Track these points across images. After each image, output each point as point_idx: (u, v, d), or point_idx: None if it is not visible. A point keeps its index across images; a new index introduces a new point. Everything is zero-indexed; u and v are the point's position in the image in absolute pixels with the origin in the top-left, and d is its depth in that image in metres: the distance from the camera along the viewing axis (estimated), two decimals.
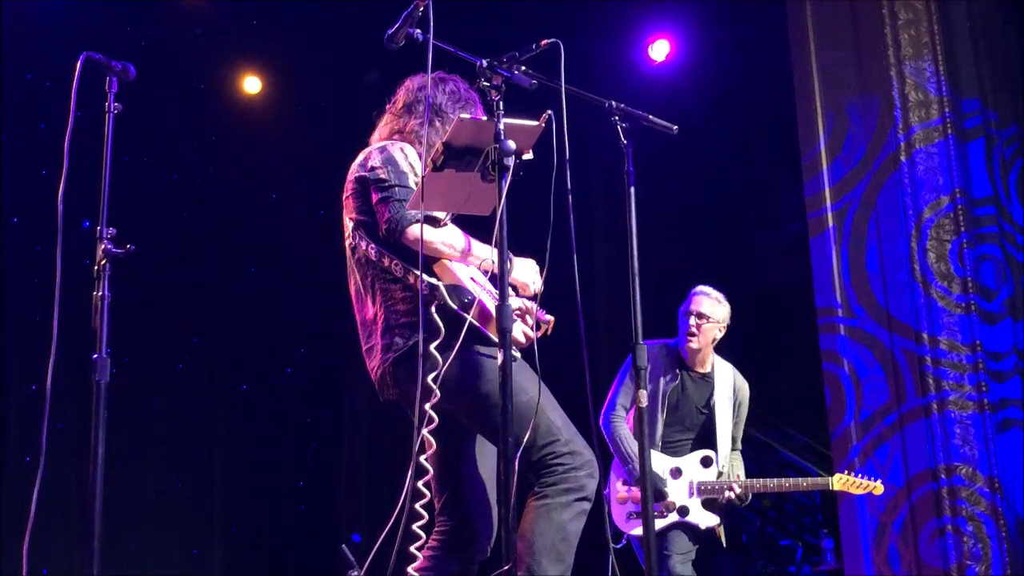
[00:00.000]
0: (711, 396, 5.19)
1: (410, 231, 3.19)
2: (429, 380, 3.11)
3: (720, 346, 5.29)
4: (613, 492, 5.12)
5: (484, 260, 3.31)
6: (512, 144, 2.88)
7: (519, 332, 3.24)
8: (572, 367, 3.31)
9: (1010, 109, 6.41)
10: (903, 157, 6.32)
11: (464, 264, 3.32)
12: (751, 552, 8.09)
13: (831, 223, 6.50)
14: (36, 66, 6.48)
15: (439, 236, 3.22)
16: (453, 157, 2.98)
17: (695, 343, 5.17)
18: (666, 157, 6.24)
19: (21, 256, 6.27)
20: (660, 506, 4.99)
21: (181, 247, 7.20)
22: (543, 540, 3.11)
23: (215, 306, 7.41)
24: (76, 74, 3.12)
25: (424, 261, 3.16)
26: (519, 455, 2.91)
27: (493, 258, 3.25)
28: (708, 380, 5.21)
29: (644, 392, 3.21)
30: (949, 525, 5.94)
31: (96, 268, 3.01)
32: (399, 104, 3.56)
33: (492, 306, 3.18)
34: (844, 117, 6.57)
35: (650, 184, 4.13)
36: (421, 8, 3.08)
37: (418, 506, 3.23)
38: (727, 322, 5.23)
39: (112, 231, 3.04)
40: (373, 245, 3.33)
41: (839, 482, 5.26)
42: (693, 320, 5.16)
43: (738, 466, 5.19)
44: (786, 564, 8.02)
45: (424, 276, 3.21)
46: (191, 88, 7.29)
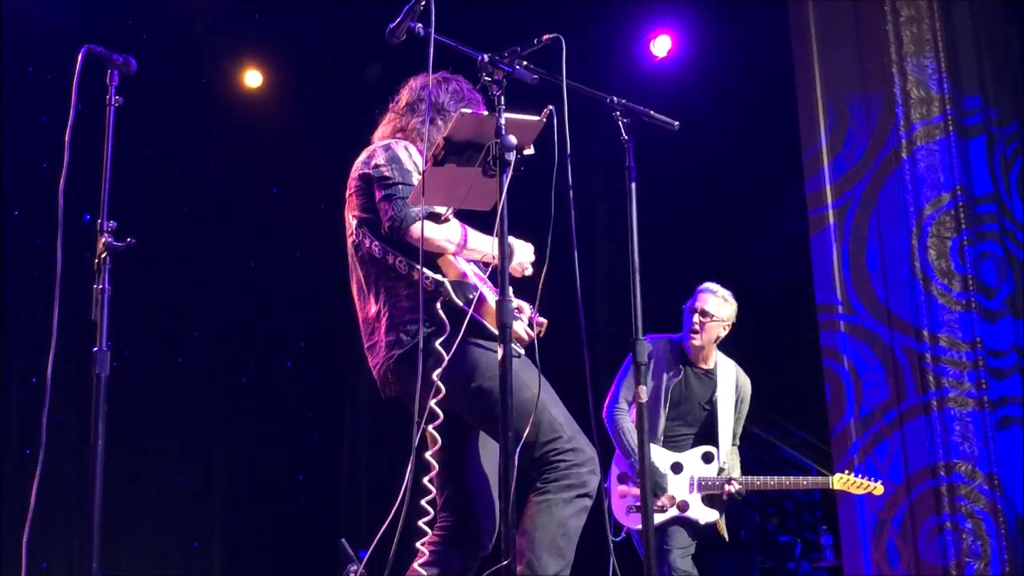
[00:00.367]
0: (714, 392, 5.19)
1: (413, 228, 3.18)
2: (434, 376, 3.12)
3: (721, 342, 5.29)
4: (613, 485, 5.13)
5: (485, 254, 3.31)
6: (513, 139, 2.87)
7: (521, 328, 3.24)
8: (572, 363, 3.31)
9: (1011, 106, 6.41)
10: (904, 154, 6.32)
11: (465, 259, 3.32)
12: (750, 548, 8.09)
13: (832, 220, 6.50)
14: (37, 59, 6.48)
15: (442, 233, 3.22)
16: (454, 152, 2.98)
17: (698, 340, 5.17)
18: (667, 153, 6.23)
19: (22, 249, 6.26)
20: (659, 500, 4.99)
21: (182, 241, 7.20)
22: (544, 535, 3.11)
23: (215, 300, 7.41)
24: (77, 67, 3.12)
25: (427, 256, 3.17)
26: (520, 451, 2.91)
27: (494, 251, 3.25)
28: (711, 376, 5.22)
29: (644, 388, 3.21)
30: (948, 522, 5.94)
31: (96, 261, 3.01)
32: (402, 103, 3.56)
33: (493, 301, 3.19)
34: (845, 114, 6.57)
35: (651, 180, 4.12)
36: (423, 3, 3.07)
37: (423, 502, 3.24)
38: (732, 320, 5.22)
39: (112, 224, 3.04)
40: (377, 242, 3.32)
41: (839, 482, 5.25)
42: (697, 317, 5.16)
43: (735, 462, 5.18)
44: (785, 560, 8.03)
45: (428, 272, 3.21)
46: (192, 82, 7.29)
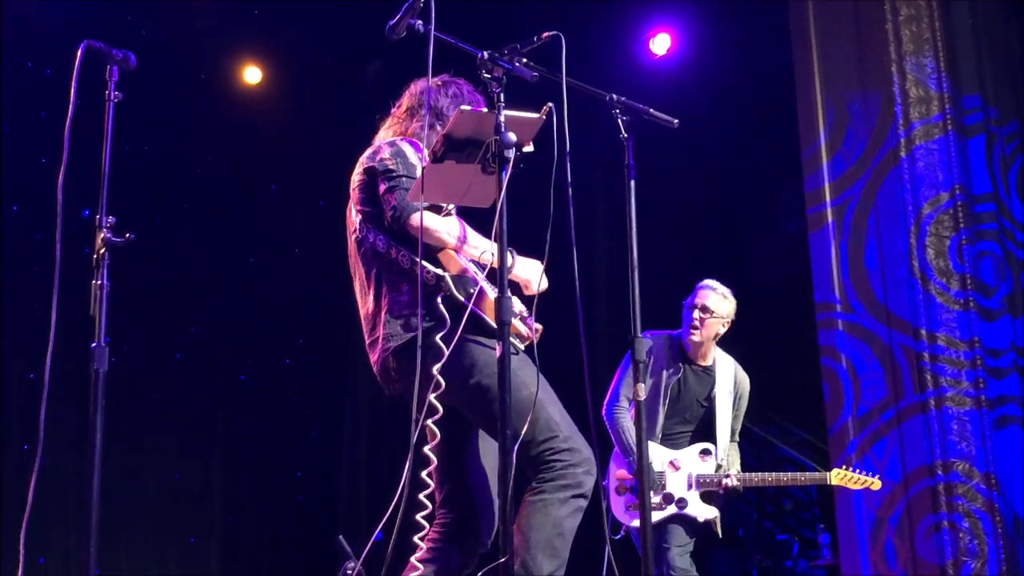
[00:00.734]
0: (712, 389, 5.19)
1: (414, 219, 3.19)
2: (434, 370, 3.12)
3: (721, 340, 5.29)
4: (612, 483, 5.13)
5: (483, 253, 3.31)
6: (513, 136, 2.87)
7: (520, 325, 3.24)
8: (571, 362, 3.31)
9: (1011, 106, 6.41)
10: (903, 153, 6.33)
11: (464, 256, 3.32)
12: (748, 546, 8.10)
13: (830, 219, 6.51)
14: (37, 54, 6.47)
15: (443, 225, 3.23)
16: (453, 148, 2.98)
17: (697, 336, 5.16)
18: (667, 152, 6.23)
19: (20, 245, 6.26)
20: (657, 497, 4.99)
21: (180, 237, 7.20)
22: (539, 535, 3.12)
23: (214, 296, 7.41)
24: (77, 62, 3.11)
25: (428, 251, 3.17)
26: (517, 450, 2.92)
27: (493, 251, 3.25)
28: (710, 373, 5.21)
29: (642, 385, 3.22)
30: (945, 521, 5.95)
31: (95, 257, 3.01)
32: (403, 107, 3.57)
33: (494, 296, 3.19)
34: (845, 112, 6.57)
35: (651, 178, 4.13)
36: (422, 0, 3.07)
37: (422, 496, 3.24)
38: (731, 318, 5.21)
39: (111, 220, 3.03)
40: (381, 237, 3.33)
41: (837, 477, 5.26)
42: (697, 314, 5.15)
43: (735, 458, 5.19)
44: (782, 559, 8.04)
45: (430, 267, 3.21)
46: (192, 78, 7.28)
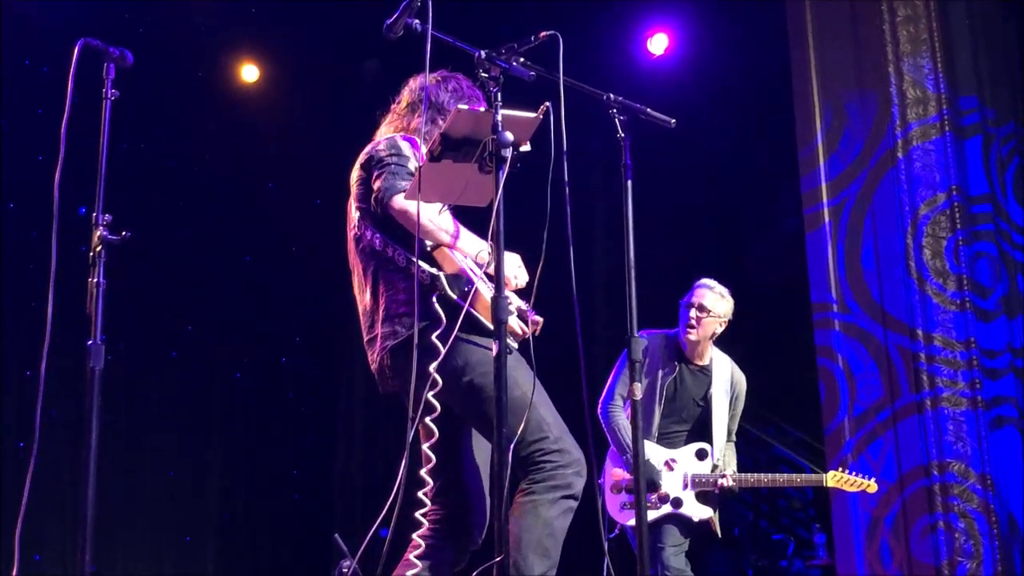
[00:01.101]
0: (708, 389, 5.18)
1: (396, 200, 3.19)
2: (430, 369, 3.12)
3: (718, 340, 5.29)
4: (607, 482, 5.13)
5: (479, 252, 3.31)
6: (510, 136, 2.87)
7: (515, 323, 3.24)
8: (568, 359, 3.31)
9: (1008, 107, 6.42)
10: (900, 154, 6.33)
11: (460, 253, 3.32)
12: (744, 546, 8.11)
13: (827, 219, 6.51)
14: (34, 52, 6.47)
15: (425, 211, 3.17)
16: (451, 148, 2.98)
17: (694, 335, 5.15)
18: (665, 152, 6.24)
19: (17, 242, 6.26)
20: (652, 496, 4.99)
21: (177, 235, 7.20)
22: (530, 536, 3.12)
23: (211, 294, 7.41)
24: (74, 60, 3.12)
25: (424, 249, 3.17)
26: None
27: (482, 251, 3.25)
28: (706, 373, 5.21)
29: (639, 385, 3.21)
30: (941, 521, 5.95)
31: (92, 254, 3.01)
32: (403, 103, 3.57)
33: (490, 296, 3.19)
34: (842, 113, 6.58)
35: (649, 178, 4.13)
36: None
37: (420, 493, 3.25)
38: (728, 317, 5.20)
39: (108, 218, 3.03)
40: (378, 235, 3.33)
41: (832, 479, 5.25)
42: (694, 313, 5.14)
43: (731, 458, 5.19)
44: (778, 558, 8.05)
45: (425, 266, 3.21)
46: (189, 76, 7.28)
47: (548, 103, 2.96)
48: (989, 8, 6.49)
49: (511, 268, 3.34)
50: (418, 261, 3.14)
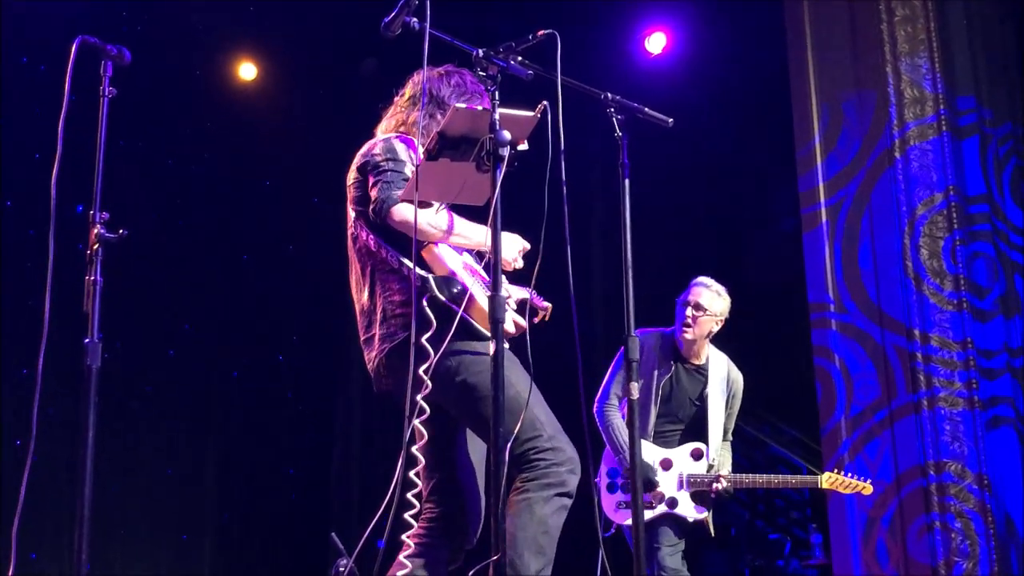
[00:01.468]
0: (704, 388, 5.17)
1: (394, 211, 3.19)
2: (420, 371, 3.12)
3: (713, 340, 5.28)
4: (603, 481, 5.12)
5: (476, 242, 3.31)
6: (507, 134, 2.87)
7: (510, 323, 3.24)
8: (565, 357, 3.31)
9: (1005, 107, 6.42)
10: (897, 153, 6.33)
11: (454, 248, 3.32)
12: (740, 546, 8.12)
13: (825, 218, 6.51)
14: (31, 50, 6.46)
15: (424, 217, 3.17)
16: (448, 146, 2.98)
17: (690, 334, 5.14)
18: (664, 152, 6.24)
19: (14, 240, 6.25)
20: (649, 496, 4.99)
21: (174, 232, 7.20)
22: (525, 534, 3.12)
23: (208, 293, 7.40)
24: (71, 58, 3.11)
25: (415, 248, 3.17)
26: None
27: (483, 238, 3.25)
28: (702, 372, 5.20)
29: (635, 385, 3.21)
30: (937, 521, 5.95)
31: (89, 252, 3.01)
32: (405, 96, 3.56)
33: (481, 296, 3.19)
34: (839, 112, 6.58)
35: (648, 178, 4.13)
36: None
37: (409, 495, 3.24)
38: (725, 316, 5.18)
39: (105, 216, 3.03)
40: (373, 236, 3.34)
41: (828, 481, 5.22)
42: (690, 311, 5.13)
43: (726, 458, 5.18)
44: (775, 558, 8.05)
45: (416, 267, 3.21)
46: (187, 73, 7.28)
47: (546, 102, 2.97)
48: (987, 9, 6.50)
49: (511, 249, 3.34)
50: (415, 267, 3.13)
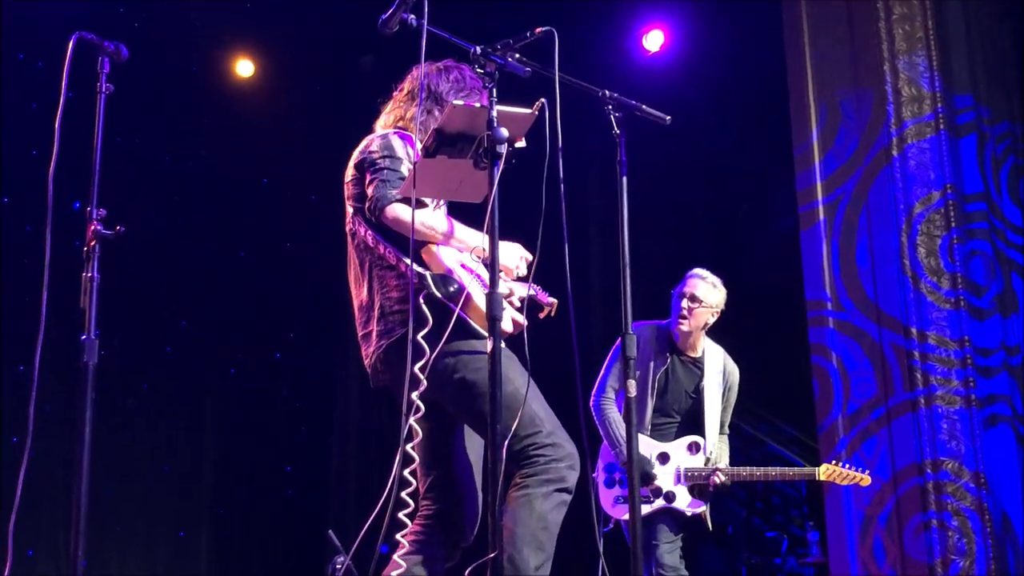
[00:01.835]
0: (701, 381, 5.16)
1: (389, 210, 3.19)
2: (416, 369, 3.12)
3: (710, 335, 5.27)
4: (600, 476, 5.12)
5: (469, 246, 3.31)
6: (505, 132, 2.87)
7: (507, 321, 3.24)
8: (563, 353, 3.31)
9: (1003, 105, 6.42)
10: (895, 152, 6.33)
11: (451, 249, 3.32)
12: (737, 543, 8.11)
13: (822, 216, 6.51)
14: (29, 46, 6.45)
15: (419, 216, 3.16)
16: (446, 143, 2.98)
17: (686, 326, 5.12)
18: (662, 149, 6.24)
19: (11, 237, 6.25)
20: (647, 490, 4.99)
21: (171, 229, 7.19)
22: (524, 530, 3.12)
23: (205, 290, 7.40)
24: (68, 54, 3.11)
25: (412, 246, 3.17)
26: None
27: (479, 244, 3.25)
28: (699, 365, 5.19)
29: (633, 382, 3.21)
30: (934, 520, 5.95)
31: (86, 249, 3.01)
32: (404, 91, 3.55)
33: (478, 295, 3.18)
34: (837, 111, 6.58)
35: (645, 175, 4.13)
36: None
37: (404, 495, 3.24)
38: (721, 307, 5.17)
39: (102, 212, 3.03)
40: (370, 232, 3.33)
41: (825, 472, 5.23)
42: (686, 303, 5.12)
43: (724, 451, 5.17)
44: (772, 556, 8.05)
45: (414, 264, 3.20)
46: (184, 70, 7.27)
47: (543, 99, 2.96)
48: (984, 7, 6.50)
49: (512, 258, 3.34)
50: (412, 264, 3.13)
